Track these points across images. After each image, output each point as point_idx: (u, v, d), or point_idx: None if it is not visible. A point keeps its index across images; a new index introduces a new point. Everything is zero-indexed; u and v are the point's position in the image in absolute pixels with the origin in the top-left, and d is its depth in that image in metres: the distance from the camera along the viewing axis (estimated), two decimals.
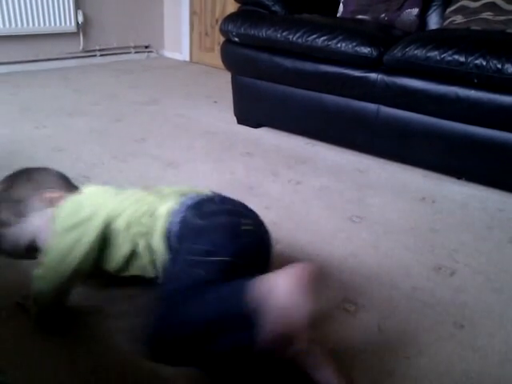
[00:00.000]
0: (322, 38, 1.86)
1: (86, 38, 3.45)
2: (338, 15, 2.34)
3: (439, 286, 1.20)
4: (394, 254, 1.33)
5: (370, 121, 1.90)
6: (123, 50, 3.74)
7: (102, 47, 3.59)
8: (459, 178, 1.86)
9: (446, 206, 1.64)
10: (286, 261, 1.24)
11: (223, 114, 2.50)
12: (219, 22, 2.23)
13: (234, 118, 2.38)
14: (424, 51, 1.66)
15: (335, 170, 1.90)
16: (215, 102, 2.75)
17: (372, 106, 1.88)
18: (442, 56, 1.62)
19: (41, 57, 3.23)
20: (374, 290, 1.16)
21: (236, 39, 2.12)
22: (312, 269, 0.69)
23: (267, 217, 1.49)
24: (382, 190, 1.74)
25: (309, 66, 1.95)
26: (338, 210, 1.57)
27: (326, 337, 0.99)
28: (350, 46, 1.81)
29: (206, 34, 3.79)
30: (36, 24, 3.11)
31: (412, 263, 1.29)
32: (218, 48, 3.50)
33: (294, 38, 1.92)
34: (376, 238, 1.41)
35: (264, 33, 2.00)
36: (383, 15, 2.17)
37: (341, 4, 2.34)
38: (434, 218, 1.55)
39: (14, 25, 3.00)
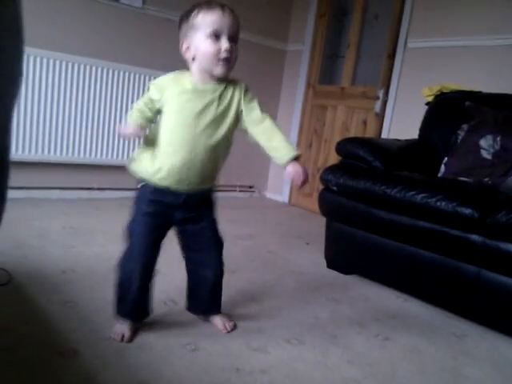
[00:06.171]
0: (421, 195, 1.88)
1: None
2: (439, 175, 2.37)
3: None
4: None
5: (470, 283, 1.79)
6: (229, 187, 4.04)
7: None
8: None
9: None
10: None
11: (313, 256, 2.51)
12: (320, 171, 2.36)
13: (324, 262, 2.38)
14: None
15: (428, 331, 1.76)
16: (307, 243, 2.80)
17: (472, 268, 1.78)
18: None
19: None
20: None
21: (334, 188, 2.21)
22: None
23: (348, 372, 1.40)
24: (482, 362, 1.56)
25: (405, 220, 1.95)
26: (429, 377, 1.42)
27: None
28: (451, 205, 1.79)
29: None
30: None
31: None
32: (316, 194, 3.66)
33: (392, 193, 1.96)
34: None
35: (362, 185, 2.08)
36: (487, 179, 2.15)
37: (442, 165, 2.38)
38: None
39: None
